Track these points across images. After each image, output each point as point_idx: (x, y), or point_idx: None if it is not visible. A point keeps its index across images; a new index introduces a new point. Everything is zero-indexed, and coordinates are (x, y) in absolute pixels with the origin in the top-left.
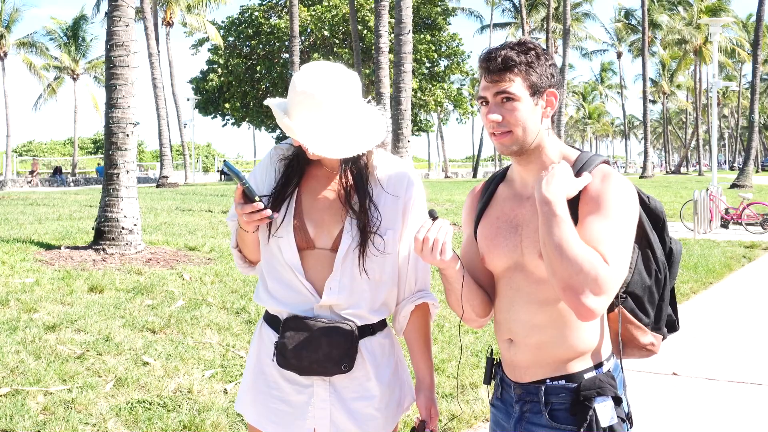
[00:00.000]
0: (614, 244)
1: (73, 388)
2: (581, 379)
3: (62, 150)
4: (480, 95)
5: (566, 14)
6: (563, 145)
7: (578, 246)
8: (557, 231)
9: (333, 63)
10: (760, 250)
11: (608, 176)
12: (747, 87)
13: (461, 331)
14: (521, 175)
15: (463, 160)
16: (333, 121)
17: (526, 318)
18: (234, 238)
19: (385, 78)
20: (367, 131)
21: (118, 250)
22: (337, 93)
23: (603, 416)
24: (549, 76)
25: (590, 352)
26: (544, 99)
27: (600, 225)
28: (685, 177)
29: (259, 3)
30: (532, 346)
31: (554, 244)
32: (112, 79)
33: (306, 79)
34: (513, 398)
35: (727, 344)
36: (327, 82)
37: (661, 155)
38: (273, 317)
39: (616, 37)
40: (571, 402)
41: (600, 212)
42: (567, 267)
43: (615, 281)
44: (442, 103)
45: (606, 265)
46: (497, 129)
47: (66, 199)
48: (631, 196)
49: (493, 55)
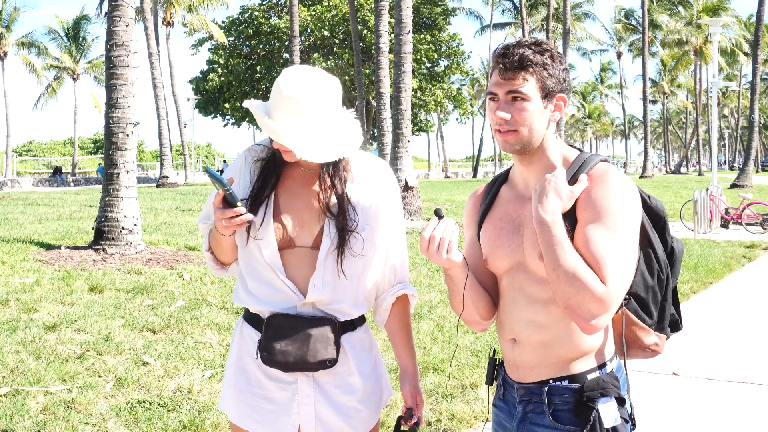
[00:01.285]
0: (615, 259)
1: (73, 388)
2: (584, 380)
3: (62, 150)
4: (490, 90)
5: (566, 14)
6: (564, 145)
7: (576, 268)
8: (553, 253)
9: (315, 68)
10: (760, 250)
11: (607, 176)
12: (747, 87)
13: (461, 331)
14: (523, 176)
15: (463, 160)
16: (317, 126)
17: (529, 317)
18: (206, 241)
19: (385, 78)
20: (346, 135)
21: (118, 250)
22: (322, 98)
23: (606, 417)
24: (561, 80)
25: (594, 353)
26: (553, 103)
27: (601, 237)
28: (685, 177)
29: (259, 3)
30: (535, 346)
31: (553, 266)
32: (112, 79)
33: (292, 84)
34: (516, 399)
35: (727, 344)
36: (312, 88)
37: (661, 155)
38: (253, 315)
39: (616, 37)
40: (574, 402)
41: (600, 221)
42: (566, 289)
43: (615, 298)
44: (442, 103)
45: (604, 286)
46: (503, 126)
47: (66, 199)
48: (632, 199)
49: (510, 52)
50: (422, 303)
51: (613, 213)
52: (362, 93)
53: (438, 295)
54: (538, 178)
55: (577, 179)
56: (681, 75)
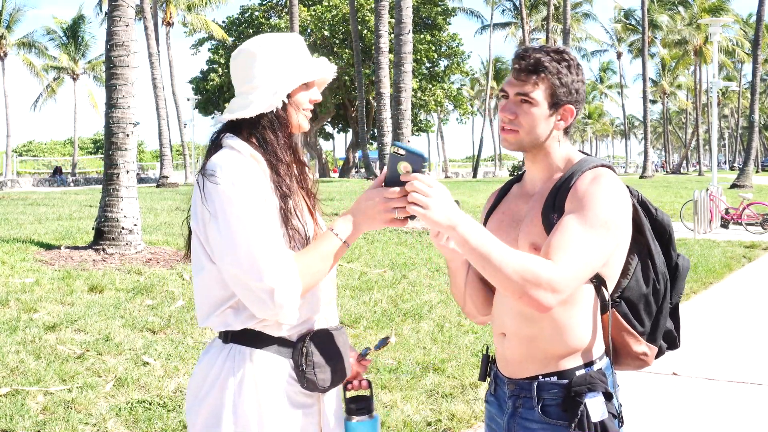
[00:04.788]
0: (577, 248)
1: (73, 388)
2: (572, 376)
3: (62, 150)
4: (503, 88)
5: (566, 14)
6: (571, 148)
7: (514, 259)
8: (475, 250)
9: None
10: (760, 250)
11: (600, 178)
12: (747, 87)
13: (461, 331)
14: (531, 174)
15: (463, 160)
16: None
17: (518, 309)
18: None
19: (385, 78)
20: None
21: (118, 250)
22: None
23: (594, 411)
24: (573, 91)
25: (582, 351)
26: (560, 112)
27: (573, 226)
28: (685, 177)
29: (259, 3)
30: (524, 339)
31: (482, 264)
32: (112, 79)
33: (288, 37)
34: (506, 394)
35: (727, 344)
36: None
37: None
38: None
39: (615, 37)
40: (562, 398)
41: (579, 213)
42: (507, 281)
43: (565, 277)
44: (442, 103)
45: (551, 264)
46: (507, 125)
47: (66, 199)
48: (619, 202)
49: (528, 55)
50: (422, 303)
51: (593, 209)
52: (362, 93)
53: (438, 295)
54: (542, 176)
55: (572, 179)
56: (681, 75)
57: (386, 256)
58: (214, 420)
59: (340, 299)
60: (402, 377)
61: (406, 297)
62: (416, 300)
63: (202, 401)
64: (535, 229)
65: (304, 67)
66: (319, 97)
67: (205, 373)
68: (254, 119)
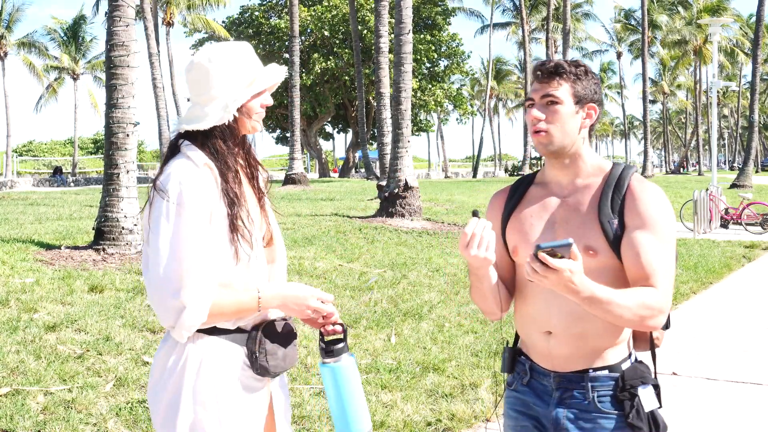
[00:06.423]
0: (665, 267)
1: (73, 388)
2: (620, 369)
3: (62, 150)
4: (528, 96)
5: (566, 15)
6: (599, 157)
7: (629, 301)
8: (605, 309)
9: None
10: (760, 250)
11: (650, 188)
12: (747, 87)
13: (461, 331)
14: (557, 178)
15: (463, 160)
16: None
17: (569, 309)
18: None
19: (385, 78)
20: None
21: (119, 250)
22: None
23: (647, 402)
24: (592, 91)
25: (624, 343)
26: (585, 110)
27: (652, 246)
28: (685, 177)
29: (259, 3)
30: (574, 337)
31: (603, 311)
32: (113, 79)
33: (238, 47)
34: (547, 386)
35: (727, 344)
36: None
37: (661, 155)
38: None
39: (615, 37)
40: (615, 390)
41: (649, 229)
42: (630, 321)
43: (668, 298)
44: (442, 103)
45: (655, 291)
46: (537, 126)
47: (66, 199)
48: (671, 211)
49: (547, 62)
50: (422, 303)
51: (660, 223)
52: (362, 93)
53: (438, 295)
54: (573, 180)
55: (623, 186)
56: (681, 75)
57: (386, 256)
58: (174, 404)
59: (340, 299)
60: (402, 377)
61: (406, 297)
62: (416, 300)
63: (163, 388)
64: (589, 233)
65: (255, 76)
66: (270, 101)
67: (164, 361)
68: (207, 130)
